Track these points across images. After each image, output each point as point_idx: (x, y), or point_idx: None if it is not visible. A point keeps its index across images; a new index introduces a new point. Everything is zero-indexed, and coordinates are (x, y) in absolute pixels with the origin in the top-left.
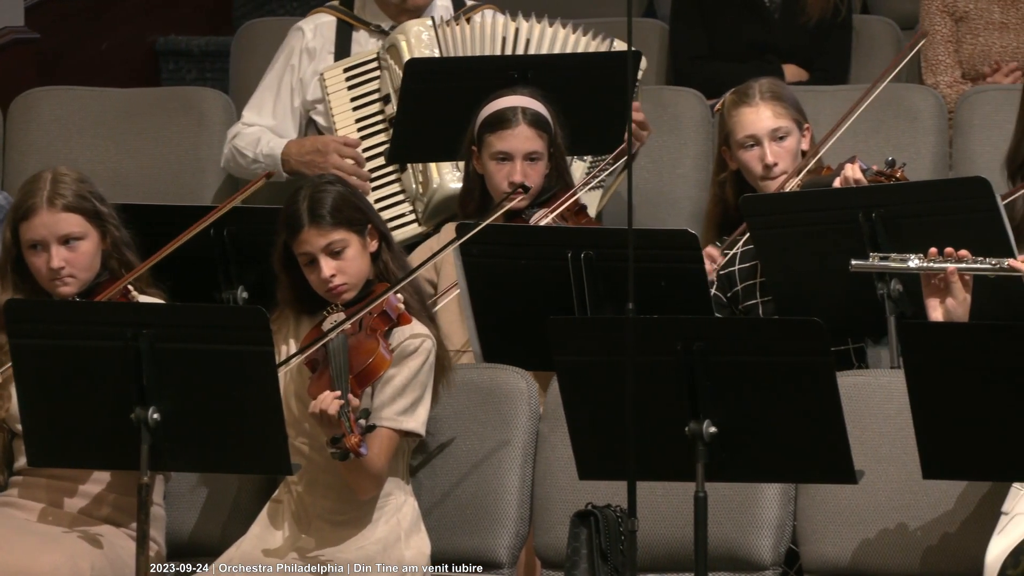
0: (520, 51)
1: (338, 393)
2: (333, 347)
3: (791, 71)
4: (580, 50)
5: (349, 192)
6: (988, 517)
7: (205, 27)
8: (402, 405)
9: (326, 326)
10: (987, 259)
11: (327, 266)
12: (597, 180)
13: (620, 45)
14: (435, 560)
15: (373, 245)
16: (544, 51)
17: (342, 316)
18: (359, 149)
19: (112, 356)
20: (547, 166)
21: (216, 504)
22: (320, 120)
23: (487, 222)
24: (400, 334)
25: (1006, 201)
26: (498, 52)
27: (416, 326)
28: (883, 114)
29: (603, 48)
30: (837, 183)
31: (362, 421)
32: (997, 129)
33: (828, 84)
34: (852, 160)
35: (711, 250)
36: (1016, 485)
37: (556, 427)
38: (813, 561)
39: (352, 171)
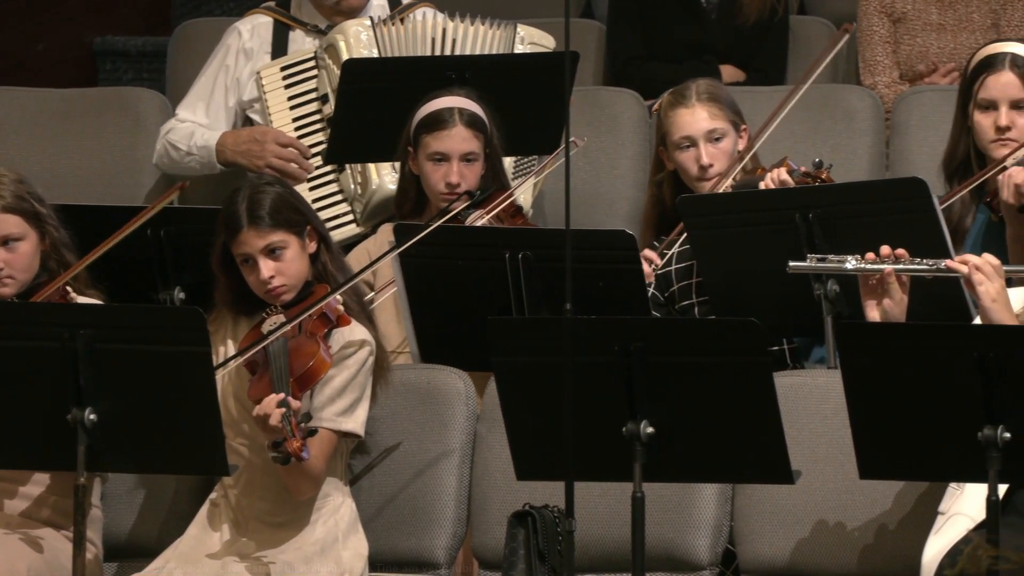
0: (447, 51)
1: (281, 397)
2: (273, 350)
3: (728, 72)
4: (498, 47)
5: (288, 193)
6: (925, 517)
7: (142, 27)
8: (341, 406)
9: (266, 328)
10: (924, 260)
11: (266, 267)
12: (527, 180)
13: (536, 37)
14: (373, 561)
15: (312, 246)
16: (468, 51)
17: (282, 318)
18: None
19: (49, 357)
20: (483, 167)
21: (153, 505)
22: (257, 119)
23: (434, 227)
24: (339, 335)
25: (944, 205)
26: (428, 52)
27: (355, 327)
28: (820, 115)
29: (520, 45)
30: (763, 184)
31: (304, 425)
32: (934, 130)
33: (765, 84)
34: (782, 162)
35: (649, 253)
36: (953, 485)
37: (494, 428)
38: (750, 561)
39: (292, 157)
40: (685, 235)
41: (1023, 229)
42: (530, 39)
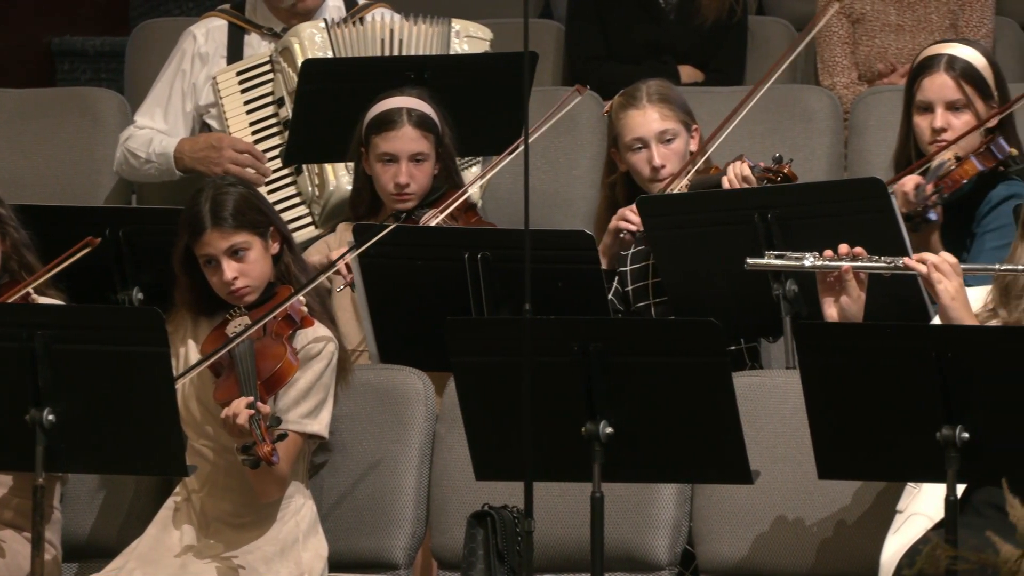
0: (396, 52)
1: (250, 400)
2: (240, 352)
3: (687, 72)
4: (436, 44)
5: (251, 194)
6: (883, 516)
7: (101, 27)
8: (306, 408)
9: (230, 330)
10: (882, 257)
11: (229, 268)
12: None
13: (472, 30)
14: (332, 561)
15: (275, 247)
16: (413, 50)
17: (246, 319)
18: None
19: (7, 357)
20: (435, 167)
21: (113, 506)
22: (214, 124)
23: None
24: (303, 336)
25: (891, 187)
26: (379, 53)
27: (319, 328)
28: (779, 115)
29: (456, 40)
30: (725, 182)
31: (273, 429)
32: (892, 130)
33: (724, 85)
34: (739, 159)
35: (625, 212)
36: (911, 484)
37: (453, 428)
38: (709, 561)
39: (249, 163)
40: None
41: (919, 238)
42: (465, 32)
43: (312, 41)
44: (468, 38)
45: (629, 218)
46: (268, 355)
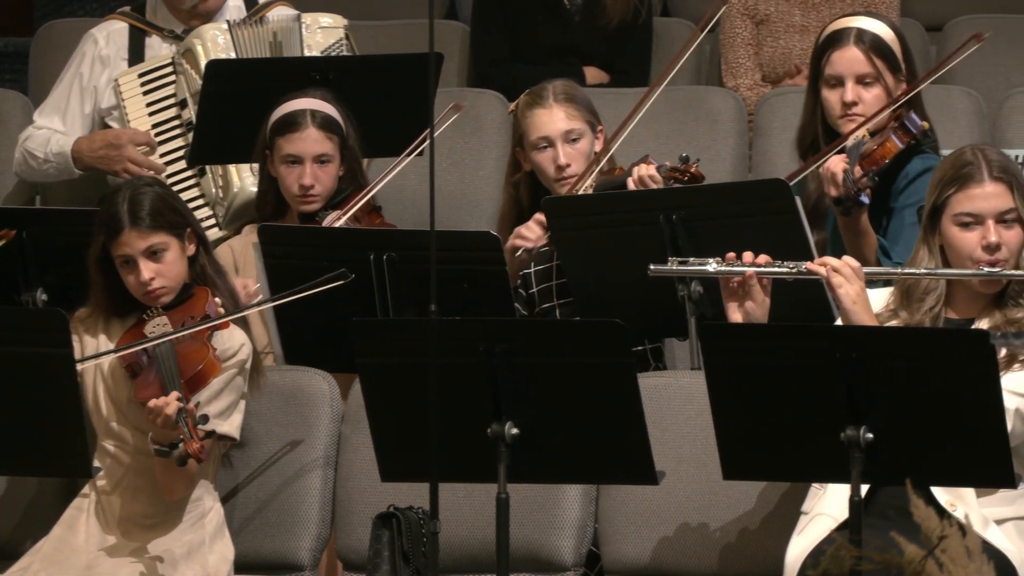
0: (277, 52)
1: (178, 395)
2: (161, 353)
3: (592, 73)
4: (293, 40)
5: (168, 195)
6: (788, 517)
7: (4, 28)
8: (217, 408)
9: (148, 329)
10: (785, 262)
11: (146, 269)
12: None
13: (322, 20)
14: (237, 563)
15: (191, 248)
16: (286, 50)
17: (164, 319)
18: (155, 156)
19: None
20: (340, 168)
21: (15, 507)
22: (115, 126)
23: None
24: (219, 339)
25: (793, 181)
26: (269, 54)
27: (234, 330)
28: (683, 116)
29: (307, 33)
30: (631, 183)
31: (201, 427)
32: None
33: (629, 86)
34: (645, 160)
35: (520, 229)
36: (815, 485)
37: (358, 429)
38: (614, 562)
39: (147, 163)
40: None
41: (849, 221)
42: (316, 24)
43: (215, 43)
44: (322, 29)
45: (524, 235)
46: (190, 355)
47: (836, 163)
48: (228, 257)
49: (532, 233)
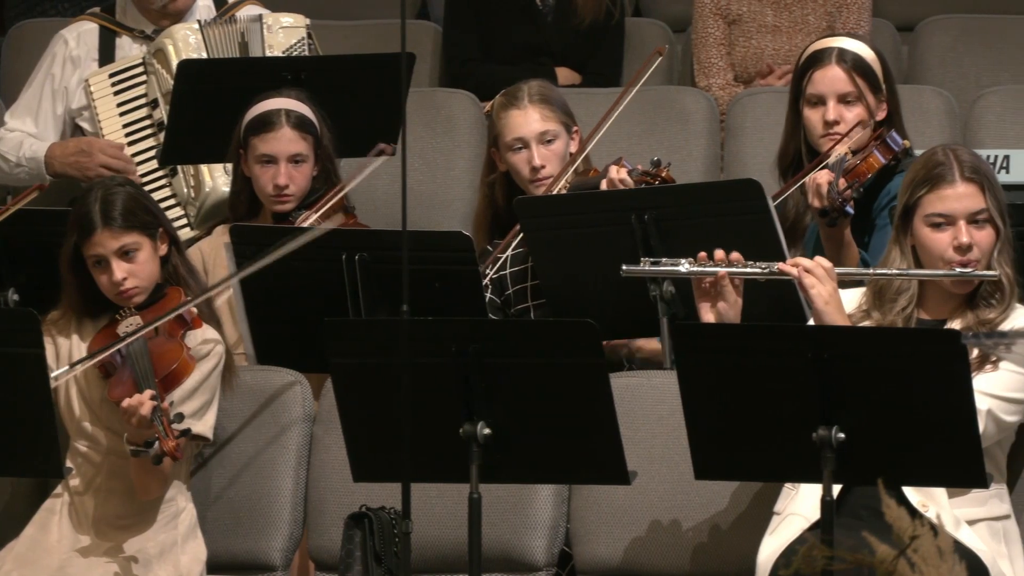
0: (244, 53)
1: (152, 393)
2: (134, 351)
3: (564, 74)
4: (257, 41)
5: (140, 194)
6: (760, 517)
7: None
8: (192, 408)
9: (121, 329)
10: (757, 263)
11: (119, 269)
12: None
13: (284, 20)
14: (209, 563)
15: (163, 248)
16: (258, 52)
17: (138, 319)
18: (124, 151)
19: None
20: (314, 168)
21: None
22: (87, 126)
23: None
24: (193, 337)
25: (777, 201)
26: (238, 54)
27: (207, 330)
28: (655, 116)
29: (268, 33)
30: (604, 185)
31: (176, 426)
32: (768, 132)
33: (601, 87)
34: (618, 161)
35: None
36: (787, 485)
37: (330, 429)
38: (586, 562)
39: (120, 169)
40: (519, 238)
41: (833, 231)
42: (278, 24)
43: (186, 42)
44: (283, 29)
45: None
46: (164, 354)
47: (821, 175)
48: (198, 259)
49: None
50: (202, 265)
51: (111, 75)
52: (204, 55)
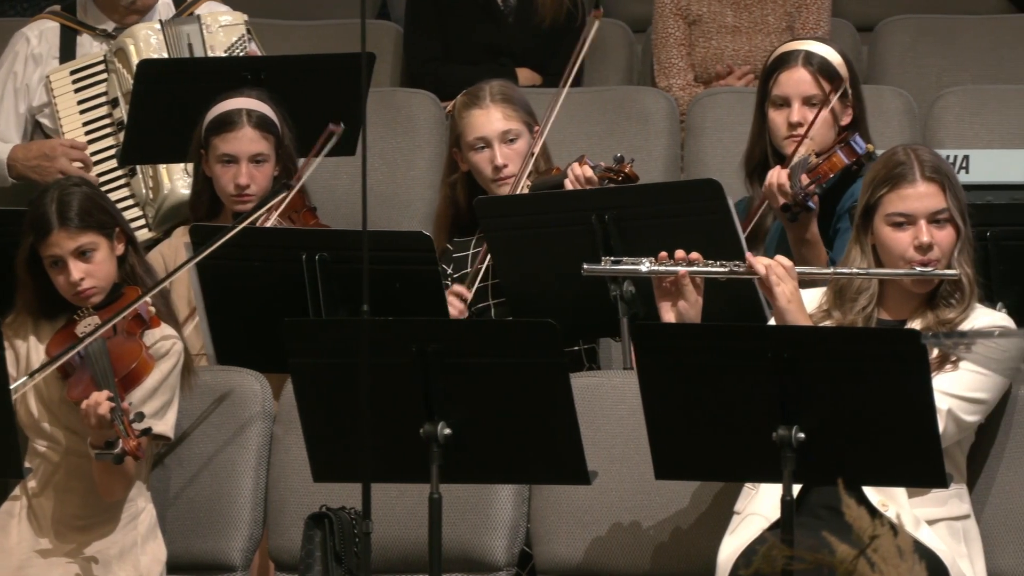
0: (190, 53)
1: (109, 393)
2: (93, 351)
3: (524, 74)
4: (197, 42)
5: (96, 194)
6: (720, 517)
7: None
8: (153, 408)
9: (79, 330)
10: (719, 261)
11: (76, 269)
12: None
13: (223, 19)
14: (169, 563)
15: (120, 248)
16: (200, 53)
17: (96, 319)
18: (87, 152)
19: None
20: (275, 168)
21: None
22: (47, 123)
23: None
24: (151, 336)
25: (754, 220)
26: (188, 54)
27: (165, 329)
28: (616, 116)
29: (207, 33)
30: (568, 183)
31: (136, 425)
32: (728, 132)
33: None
34: (580, 160)
35: (459, 289)
36: (748, 485)
37: (290, 429)
38: (546, 562)
39: (80, 175)
40: (476, 237)
41: (800, 230)
42: (217, 24)
43: (147, 42)
44: (222, 28)
45: (457, 292)
46: (123, 353)
47: (779, 173)
48: (159, 262)
49: (454, 309)
50: (163, 267)
51: (72, 72)
52: (165, 55)
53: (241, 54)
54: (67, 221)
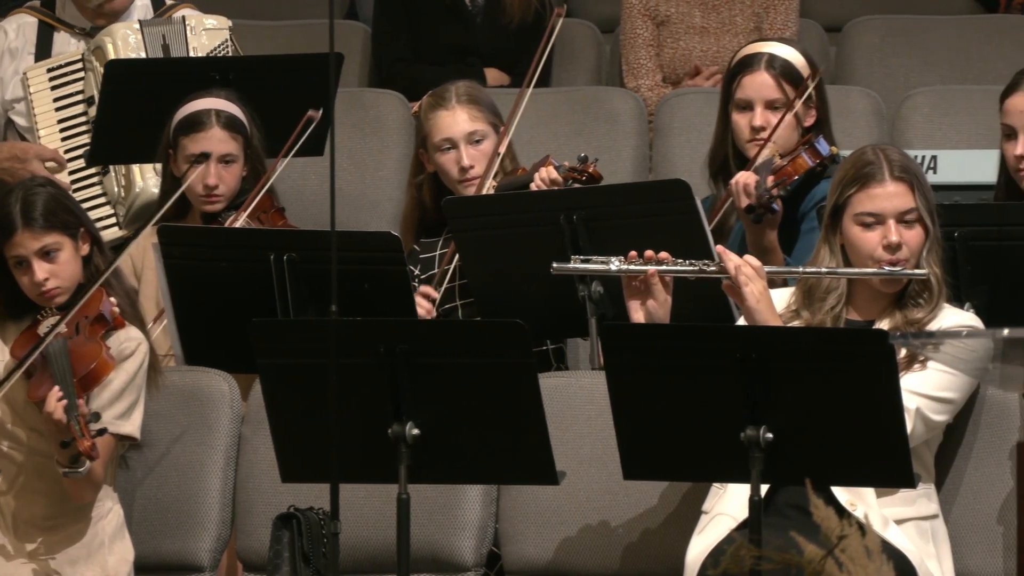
0: (166, 54)
1: (60, 393)
2: (53, 351)
3: (492, 75)
4: (178, 42)
5: (61, 194)
6: (689, 517)
7: None
8: (119, 409)
9: (42, 329)
10: (688, 260)
11: (40, 269)
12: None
13: (208, 23)
14: (136, 564)
15: (85, 249)
16: (178, 53)
17: (58, 319)
18: (61, 151)
19: None
20: (243, 168)
21: None
22: (20, 120)
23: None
24: (116, 337)
25: (717, 218)
26: (162, 55)
27: (131, 329)
28: (584, 117)
29: (192, 35)
30: (534, 186)
31: (93, 425)
32: (696, 132)
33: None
34: (545, 161)
35: (425, 289)
36: (716, 484)
37: (258, 430)
38: (515, 562)
39: (47, 177)
40: (443, 238)
41: (759, 234)
42: (201, 26)
43: (126, 41)
44: (207, 31)
45: (425, 293)
46: (83, 354)
47: (748, 175)
48: (127, 263)
49: (422, 309)
50: (131, 267)
51: (49, 70)
52: (144, 55)
53: None
54: (31, 221)
